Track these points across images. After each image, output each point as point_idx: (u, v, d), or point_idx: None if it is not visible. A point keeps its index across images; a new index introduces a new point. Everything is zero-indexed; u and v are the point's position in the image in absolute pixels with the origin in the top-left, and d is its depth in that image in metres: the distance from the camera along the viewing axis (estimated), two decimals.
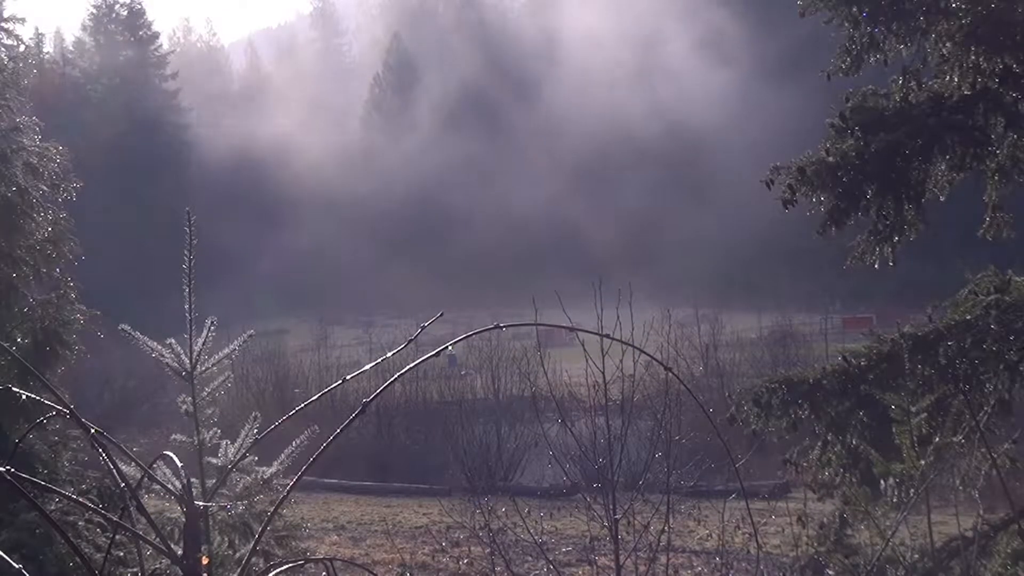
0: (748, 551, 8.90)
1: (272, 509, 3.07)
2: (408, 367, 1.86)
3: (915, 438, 4.86)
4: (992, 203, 7.62)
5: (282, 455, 5.26)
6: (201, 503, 2.14)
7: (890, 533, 4.85)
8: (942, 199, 7.63)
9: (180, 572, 1.54)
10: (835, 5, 7.37)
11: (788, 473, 10.99)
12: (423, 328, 1.84)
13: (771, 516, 9.42)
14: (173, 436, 4.68)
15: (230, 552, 5.05)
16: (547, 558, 7.55)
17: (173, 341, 4.51)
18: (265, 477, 5.30)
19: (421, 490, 18.78)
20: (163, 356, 4.53)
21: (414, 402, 23.28)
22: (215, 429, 4.90)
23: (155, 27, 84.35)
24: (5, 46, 9.38)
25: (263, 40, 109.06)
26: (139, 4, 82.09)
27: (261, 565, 4.91)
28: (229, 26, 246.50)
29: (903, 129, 6.99)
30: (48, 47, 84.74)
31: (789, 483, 14.55)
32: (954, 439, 5.07)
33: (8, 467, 1.25)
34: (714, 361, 23.09)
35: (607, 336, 2.51)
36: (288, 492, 2.00)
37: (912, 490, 4.64)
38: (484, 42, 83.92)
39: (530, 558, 10.56)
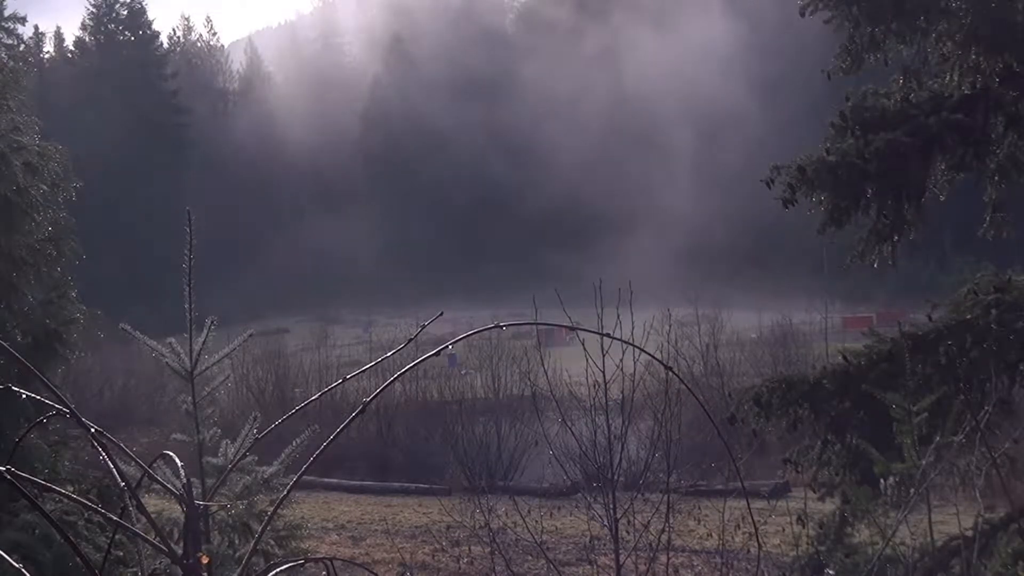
0: (748, 550, 8.89)
1: (272, 509, 3.08)
2: (408, 366, 1.86)
3: (915, 437, 4.85)
4: (992, 203, 7.61)
5: (282, 455, 5.27)
6: (201, 503, 2.14)
7: (890, 532, 4.84)
8: (942, 199, 7.62)
9: (180, 572, 1.53)
10: (835, 5, 7.36)
11: (788, 473, 10.98)
12: (423, 327, 1.84)
13: (771, 515, 9.41)
14: (173, 435, 4.68)
15: (230, 551, 5.04)
16: (547, 557, 7.54)
17: (173, 341, 4.51)
18: (265, 477, 5.30)
19: (421, 490, 18.77)
20: (163, 356, 4.53)
21: (414, 402, 23.25)
22: (215, 428, 4.90)
23: (155, 26, 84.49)
24: (5, 46, 9.38)
25: (263, 40, 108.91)
26: (139, 4, 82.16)
27: (261, 564, 4.91)
28: (229, 26, 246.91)
29: (903, 128, 6.99)
30: (48, 47, 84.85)
31: (789, 482, 14.53)
32: (954, 439, 5.06)
33: (8, 467, 1.25)
34: (714, 360, 23.03)
35: (607, 335, 2.50)
36: (288, 492, 2.00)
37: (912, 489, 4.64)
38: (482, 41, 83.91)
39: (530, 557, 10.55)
